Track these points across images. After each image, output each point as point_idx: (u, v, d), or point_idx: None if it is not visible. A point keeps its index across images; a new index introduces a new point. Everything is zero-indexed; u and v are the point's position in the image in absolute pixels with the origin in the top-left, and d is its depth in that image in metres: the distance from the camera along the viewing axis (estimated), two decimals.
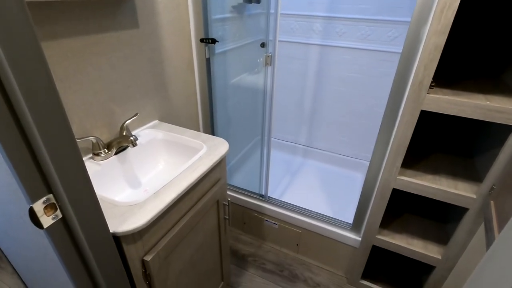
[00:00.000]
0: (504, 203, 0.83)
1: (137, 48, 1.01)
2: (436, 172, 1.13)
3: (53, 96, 0.44)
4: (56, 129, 0.46)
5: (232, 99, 1.71)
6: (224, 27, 1.45)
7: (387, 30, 1.60)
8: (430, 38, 0.85)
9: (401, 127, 1.01)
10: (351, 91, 1.85)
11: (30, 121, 0.42)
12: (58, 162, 0.47)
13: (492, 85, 1.03)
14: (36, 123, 0.43)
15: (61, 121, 0.46)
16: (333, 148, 2.10)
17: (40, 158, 0.46)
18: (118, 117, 1.00)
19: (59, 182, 0.49)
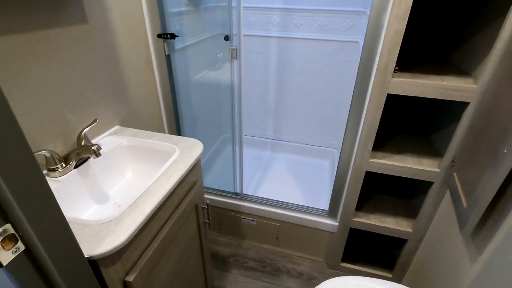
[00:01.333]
0: (466, 173, 0.91)
1: (89, 46, 0.90)
2: (402, 152, 1.20)
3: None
4: (8, 140, 0.37)
5: (196, 96, 1.64)
6: (182, 21, 1.37)
7: (342, 20, 1.65)
8: (391, 24, 0.88)
9: (369, 112, 1.04)
10: (313, 81, 1.89)
11: None
12: (13, 182, 0.39)
13: (443, 66, 1.11)
14: None
15: (12, 130, 0.38)
16: (301, 139, 2.14)
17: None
18: (73, 126, 0.88)
19: (17, 207, 0.40)
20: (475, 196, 0.80)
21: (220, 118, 2.07)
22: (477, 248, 0.84)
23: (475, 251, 0.85)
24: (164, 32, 1.18)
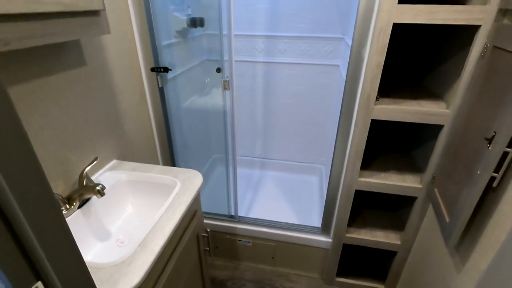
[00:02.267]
0: (446, 189, 1.00)
1: (87, 86, 0.92)
2: (387, 170, 1.29)
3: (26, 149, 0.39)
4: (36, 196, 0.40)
5: (187, 121, 1.67)
6: (172, 53, 1.42)
7: (323, 45, 1.77)
8: (372, 58, 0.97)
9: (356, 135, 1.12)
10: (298, 102, 1.98)
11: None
12: (45, 241, 0.41)
13: (418, 90, 1.22)
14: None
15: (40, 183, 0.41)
16: (288, 157, 2.20)
17: (24, 239, 0.40)
18: (74, 165, 0.89)
19: (48, 265, 0.43)
20: (456, 212, 0.88)
21: (209, 140, 2.11)
22: (461, 258, 0.92)
23: (459, 262, 0.93)
24: (157, 66, 1.22)
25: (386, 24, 0.91)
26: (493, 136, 0.73)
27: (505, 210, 0.75)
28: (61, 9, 0.64)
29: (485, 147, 0.76)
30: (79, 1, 0.68)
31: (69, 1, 0.65)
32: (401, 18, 0.90)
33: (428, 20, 0.89)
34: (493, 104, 0.78)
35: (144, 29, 1.15)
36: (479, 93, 0.88)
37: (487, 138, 0.75)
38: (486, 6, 0.85)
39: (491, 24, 0.86)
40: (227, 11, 1.11)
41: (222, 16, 1.30)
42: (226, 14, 1.11)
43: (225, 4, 1.12)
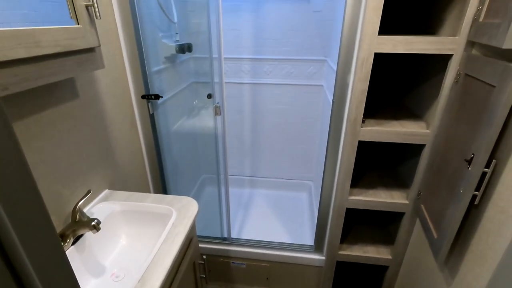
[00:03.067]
0: (432, 205, 1.05)
1: (79, 118, 0.92)
2: (374, 186, 1.34)
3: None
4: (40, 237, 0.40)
5: (177, 144, 1.67)
6: (161, 78, 1.43)
7: (307, 67, 1.84)
8: (356, 85, 1.03)
9: (344, 156, 1.17)
10: (284, 120, 2.03)
11: None
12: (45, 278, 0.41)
13: (400, 110, 1.30)
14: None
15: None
16: (277, 174, 2.23)
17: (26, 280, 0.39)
18: (66, 199, 0.87)
19: None
20: (443, 228, 0.93)
21: (199, 161, 2.11)
22: (450, 272, 0.96)
23: (449, 276, 0.97)
24: (148, 93, 1.23)
25: (368, 54, 0.98)
26: (472, 158, 0.79)
27: (488, 227, 0.80)
28: (59, 50, 0.65)
29: (465, 167, 0.82)
30: (77, 41, 0.70)
31: (66, 42, 0.66)
32: (382, 49, 0.96)
33: (406, 50, 0.96)
34: (470, 127, 0.85)
35: (134, 57, 1.17)
36: (455, 116, 0.95)
37: (466, 160, 0.81)
38: (456, 38, 0.93)
39: (462, 54, 0.94)
40: (217, 36, 1.15)
41: (212, 40, 1.34)
42: (216, 39, 1.15)
43: (214, 29, 1.16)
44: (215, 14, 1.13)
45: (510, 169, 0.75)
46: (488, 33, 0.76)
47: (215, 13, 1.13)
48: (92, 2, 0.72)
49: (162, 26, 1.45)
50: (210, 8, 1.37)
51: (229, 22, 1.77)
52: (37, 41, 0.59)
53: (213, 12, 1.17)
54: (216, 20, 1.12)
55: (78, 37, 0.70)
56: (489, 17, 0.80)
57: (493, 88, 0.74)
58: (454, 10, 1.00)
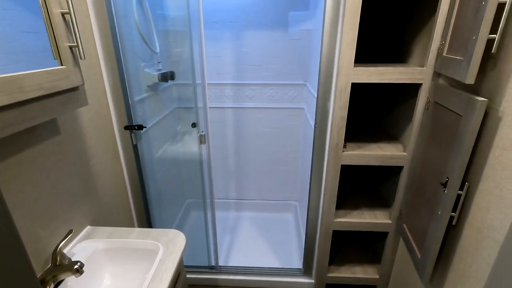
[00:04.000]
0: (414, 225, 1.09)
1: (60, 155, 0.89)
2: (358, 207, 1.37)
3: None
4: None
5: (161, 172, 1.65)
6: (143, 107, 1.43)
7: (287, 91, 1.90)
8: (336, 112, 1.08)
9: (329, 180, 1.20)
10: (268, 143, 2.06)
11: None
12: None
13: (378, 133, 1.36)
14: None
15: None
16: (262, 196, 2.23)
17: None
18: (46, 242, 0.83)
19: None
20: (426, 249, 0.96)
21: (183, 186, 2.07)
22: None
23: None
24: (131, 123, 1.22)
25: (346, 84, 1.03)
26: (446, 181, 0.85)
27: (466, 246, 0.85)
28: (43, 93, 0.64)
29: (441, 190, 0.87)
30: (60, 82, 0.69)
31: (50, 84, 0.66)
32: (358, 79, 1.03)
33: (380, 80, 1.03)
34: (442, 150, 0.91)
35: (117, 88, 1.17)
36: (429, 140, 1.01)
37: (442, 183, 0.87)
38: (424, 68, 1.01)
39: (430, 83, 1.02)
40: (200, 63, 1.18)
41: (195, 67, 1.37)
42: (199, 66, 1.17)
43: (197, 56, 1.19)
44: (197, 43, 1.16)
45: (481, 191, 0.80)
46: (452, 67, 0.84)
47: (197, 41, 1.16)
48: (77, 43, 0.73)
49: (144, 56, 1.47)
50: (193, 37, 1.40)
51: (211, 50, 1.82)
52: (20, 87, 0.58)
53: (195, 41, 1.21)
54: (199, 48, 1.15)
55: (61, 78, 0.70)
56: (451, 52, 0.87)
57: (460, 117, 0.80)
58: (421, 43, 1.09)
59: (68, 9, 0.69)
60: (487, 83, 0.79)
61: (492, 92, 0.77)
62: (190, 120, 1.84)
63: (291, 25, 1.74)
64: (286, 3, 1.70)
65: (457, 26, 0.86)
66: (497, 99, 0.75)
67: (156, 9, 1.56)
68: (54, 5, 0.68)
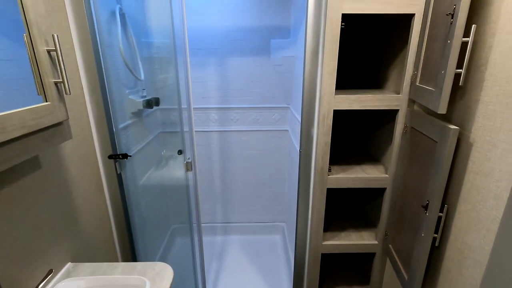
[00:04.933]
0: (399, 246, 1.12)
1: (41, 191, 0.86)
2: (345, 228, 1.39)
3: None
4: None
5: (146, 200, 1.61)
6: (127, 133, 1.41)
7: (271, 114, 1.95)
8: (320, 138, 1.12)
9: (315, 204, 1.22)
10: (253, 165, 2.07)
11: None
12: None
13: (360, 154, 1.41)
14: None
15: None
16: (249, 218, 2.21)
17: None
18: (24, 284, 0.78)
19: None
20: (412, 269, 0.98)
21: (168, 212, 2.02)
22: None
23: None
24: (115, 152, 1.20)
25: (328, 111, 1.08)
26: (427, 204, 0.88)
27: (450, 267, 0.87)
28: (26, 132, 0.63)
29: (423, 213, 0.91)
30: (44, 119, 0.68)
31: (33, 122, 0.65)
32: (339, 106, 1.07)
33: (360, 107, 1.08)
34: (422, 173, 0.96)
35: (101, 117, 1.15)
36: (408, 163, 1.06)
37: (423, 206, 0.90)
38: (400, 96, 1.07)
39: (406, 109, 1.08)
40: (186, 89, 1.19)
41: (181, 93, 1.38)
42: (185, 91, 1.19)
43: (183, 82, 1.20)
44: (183, 68, 1.18)
45: (459, 213, 0.84)
46: (425, 96, 0.90)
47: (183, 67, 1.18)
48: (62, 79, 0.72)
49: (128, 83, 1.47)
50: (178, 63, 1.42)
51: (196, 75, 1.84)
52: (2, 127, 0.57)
53: (181, 67, 1.23)
54: (184, 73, 1.17)
55: (46, 114, 0.69)
56: (423, 82, 0.94)
57: (436, 143, 0.86)
58: (396, 70, 1.16)
59: (55, 47, 0.70)
60: (458, 111, 0.85)
61: (463, 119, 0.82)
62: (175, 145, 1.83)
63: (273, 51, 1.81)
64: (267, 31, 1.77)
65: (427, 58, 0.93)
66: (467, 126, 0.81)
67: (140, 37, 1.59)
68: (40, 43, 0.68)
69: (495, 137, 0.72)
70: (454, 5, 0.72)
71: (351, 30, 1.42)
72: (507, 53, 0.68)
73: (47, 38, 0.70)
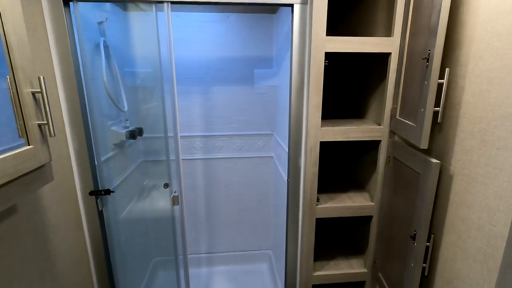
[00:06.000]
0: (389, 274, 1.13)
1: (17, 237, 0.80)
2: (334, 256, 1.39)
3: None
4: None
5: (128, 234, 1.53)
6: (109, 166, 1.36)
7: (256, 141, 1.96)
8: (308, 169, 1.14)
9: (305, 235, 1.22)
10: (238, 192, 2.05)
11: None
12: None
13: (346, 181, 1.44)
14: None
15: None
16: (235, 247, 2.15)
17: None
18: None
19: None
20: None
21: (149, 244, 1.93)
22: None
23: None
24: (97, 188, 1.15)
25: (315, 143, 1.10)
26: (415, 235, 0.91)
27: None
28: (6, 180, 0.59)
29: (411, 242, 0.93)
30: (26, 164, 0.64)
31: (15, 169, 0.61)
32: (325, 138, 1.11)
33: (344, 139, 1.12)
34: (407, 202, 0.99)
35: (83, 152, 1.10)
36: (393, 191, 1.10)
37: (411, 236, 0.93)
38: (381, 127, 1.13)
39: (388, 140, 1.13)
40: (173, 118, 1.18)
41: (167, 121, 1.36)
42: (172, 119, 1.18)
43: (169, 111, 1.19)
44: (170, 98, 1.18)
45: (446, 243, 0.87)
46: (406, 130, 0.95)
47: (170, 96, 1.18)
48: (47, 121, 0.70)
49: (111, 114, 1.43)
50: (165, 92, 1.41)
51: (180, 104, 1.83)
52: None
53: (167, 96, 1.22)
54: (171, 102, 1.16)
55: (28, 159, 0.65)
56: (403, 116, 1.00)
57: (419, 175, 0.90)
58: (376, 101, 1.22)
59: (40, 89, 0.67)
60: (437, 144, 0.90)
61: (442, 152, 0.87)
62: (159, 174, 1.78)
63: (257, 80, 1.85)
64: (251, 62, 1.82)
65: (405, 94, 0.99)
66: (447, 159, 0.86)
67: (124, 67, 1.57)
68: (25, 85, 0.65)
69: (473, 171, 0.76)
70: (428, 50, 0.78)
71: (334, 63, 1.49)
72: (478, 94, 0.75)
73: (32, 79, 0.68)
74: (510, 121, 0.66)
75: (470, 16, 0.77)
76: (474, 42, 0.76)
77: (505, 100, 0.67)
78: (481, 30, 0.74)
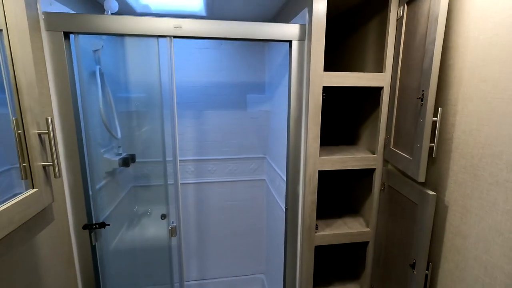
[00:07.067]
0: None
1: (6, 282, 0.75)
2: (330, 283, 1.39)
3: None
4: None
5: (118, 265, 1.46)
6: (101, 195, 1.31)
7: (248, 164, 1.97)
8: (307, 197, 1.16)
9: (304, 263, 1.22)
10: (231, 216, 2.03)
11: None
12: None
13: (341, 206, 1.47)
14: None
15: None
16: (227, 273, 2.11)
17: None
18: None
19: None
20: None
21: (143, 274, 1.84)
22: None
23: None
24: (90, 222, 1.10)
25: (313, 172, 1.13)
26: (414, 263, 0.94)
27: None
28: (12, 229, 0.56)
29: (410, 271, 0.96)
30: (30, 209, 0.62)
31: (19, 216, 0.58)
32: (324, 167, 1.14)
33: (342, 167, 1.15)
34: (404, 231, 1.02)
35: (78, 185, 1.07)
36: (389, 218, 1.13)
37: (410, 264, 0.96)
38: (375, 156, 1.18)
39: (382, 168, 1.18)
40: (173, 142, 1.17)
41: (165, 146, 1.34)
42: (171, 144, 1.17)
43: (168, 135, 1.19)
44: (170, 122, 1.17)
45: (444, 271, 0.91)
46: (402, 162, 1.00)
47: (169, 121, 1.17)
48: (53, 162, 0.67)
49: (103, 141, 1.40)
50: (164, 117, 1.40)
51: None
52: None
53: (167, 120, 1.22)
54: (171, 127, 1.16)
55: (32, 204, 0.62)
56: (397, 147, 1.05)
57: (416, 205, 0.94)
58: (370, 129, 1.27)
59: (47, 130, 0.66)
60: (432, 176, 0.95)
61: (437, 184, 0.92)
62: (152, 199, 1.74)
63: (249, 105, 1.88)
64: (244, 87, 1.86)
65: (398, 127, 1.05)
66: (442, 190, 0.90)
67: (117, 93, 1.55)
68: (32, 126, 0.64)
69: (467, 203, 0.81)
70: (422, 90, 0.84)
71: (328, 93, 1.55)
72: (468, 132, 0.81)
73: (39, 120, 0.66)
74: (500, 159, 0.71)
75: (458, 59, 0.84)
76: (462, 84, 0.83)
77: (494, 140, 0.73)
78: (469, 75, 0.80)
